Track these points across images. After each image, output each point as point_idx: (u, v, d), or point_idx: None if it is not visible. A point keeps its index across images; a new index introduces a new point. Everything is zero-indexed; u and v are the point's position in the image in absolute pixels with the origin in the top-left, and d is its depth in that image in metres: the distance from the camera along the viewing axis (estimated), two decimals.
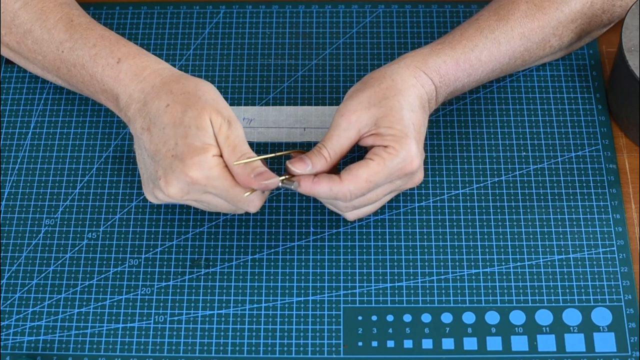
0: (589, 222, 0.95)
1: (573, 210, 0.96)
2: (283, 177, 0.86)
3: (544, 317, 0.91)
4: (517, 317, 0.91)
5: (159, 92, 0.87)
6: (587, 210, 0.96)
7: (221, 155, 0.85)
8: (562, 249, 0.94)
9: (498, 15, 0.95)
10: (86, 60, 0.92)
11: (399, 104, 0.87)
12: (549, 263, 0.93)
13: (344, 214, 0.90)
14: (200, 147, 0.84)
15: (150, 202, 0.97)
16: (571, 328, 0.90)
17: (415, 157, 0.86)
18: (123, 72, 0.90)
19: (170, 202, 0.88)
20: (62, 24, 0.94)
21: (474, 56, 0.93)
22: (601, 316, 0.91)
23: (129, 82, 0.89)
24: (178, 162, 0.83)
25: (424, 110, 0.90)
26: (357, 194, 0.86)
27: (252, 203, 0.87)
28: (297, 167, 0.86)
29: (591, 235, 0.95)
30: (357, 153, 0.98)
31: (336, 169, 0.89)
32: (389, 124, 0.86)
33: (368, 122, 0.87)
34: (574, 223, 0.95)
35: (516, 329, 0.90)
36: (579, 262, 0.93)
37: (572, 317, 0.91)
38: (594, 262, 0.93)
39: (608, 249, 0.94)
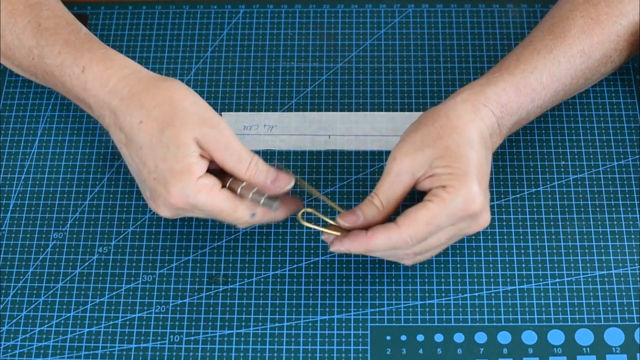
0: (632, 236, 0.94)
1: (615, 223, 0.95)
2: (327, 229, 0.86)
3: (584, 337, 0.90)
4: (556, 337, 0.90)
5: (129, 105, 0.86)
6: (631, 222, 0.95)
7: (209, 171, 0.84)
8: (604, 264, 0.93)
9: (553, 33, 0.93)
10: (54, 69, 0.92)
11: (455, 142, 0.84)
12: (590, 279, 0.92)
13: (402, 261, 0.88)
14: (182, 169, 0.83)
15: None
16: (613, 349, 0.89)
17: (478, 196, 0.83)
18: (89, 82, 0.89)
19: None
20: (29, 29, 0.93)
21: (535, 79, 0.91)
22: None
23: (97, 92, 0.89)
24: (161, 188, 0.84)
25: (486, 146, 0.87)
26: (417, 238, 0.83)
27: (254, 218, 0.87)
28: (346, 220, 0.85)
29: (634, 250, 0.93)
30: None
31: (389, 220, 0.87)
32: (446, 163, 0.83)
33: (423, 164, 0.84)
34: (617, 237, 0.94)
35: (555, 349, 0.89)
36: (622, 279, 0.92)
37: (614, 337, 0.89)
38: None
39: None
